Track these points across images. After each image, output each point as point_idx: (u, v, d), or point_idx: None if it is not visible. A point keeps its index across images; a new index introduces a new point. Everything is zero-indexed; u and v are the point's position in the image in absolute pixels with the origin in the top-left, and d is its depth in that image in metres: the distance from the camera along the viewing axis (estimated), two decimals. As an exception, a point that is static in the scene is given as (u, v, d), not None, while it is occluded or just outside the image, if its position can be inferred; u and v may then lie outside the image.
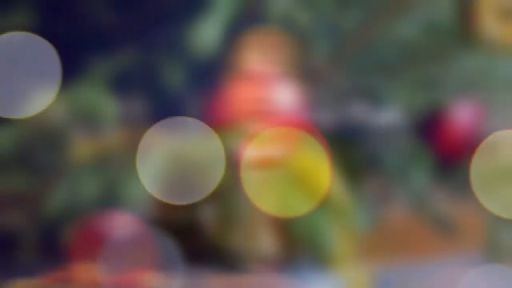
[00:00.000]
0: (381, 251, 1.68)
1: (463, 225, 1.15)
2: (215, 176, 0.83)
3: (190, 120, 0.95)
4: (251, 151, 0.86)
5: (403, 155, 1.07)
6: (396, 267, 1.35)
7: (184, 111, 1.25)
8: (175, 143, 0.83)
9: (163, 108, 1.10)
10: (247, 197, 0.91)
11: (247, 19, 0.92)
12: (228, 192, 0.94)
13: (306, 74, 1.07)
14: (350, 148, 1.12)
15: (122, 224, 1.08)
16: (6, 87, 0.97)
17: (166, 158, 0.81)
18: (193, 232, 1.12)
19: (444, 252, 1.42)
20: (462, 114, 1.13)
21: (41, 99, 0.79)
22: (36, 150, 0.90)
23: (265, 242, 0.90)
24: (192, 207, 0.99)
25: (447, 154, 1.12)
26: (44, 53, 0.93)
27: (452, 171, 1.14)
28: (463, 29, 0.91)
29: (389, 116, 1.09)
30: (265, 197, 0.91)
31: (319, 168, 1.00)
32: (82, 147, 1.00)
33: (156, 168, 0.81)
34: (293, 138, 0.92)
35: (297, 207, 0.92)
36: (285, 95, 0.89)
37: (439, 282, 1.22)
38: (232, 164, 0.83)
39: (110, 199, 0.90)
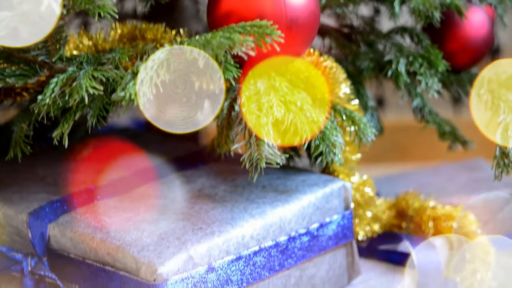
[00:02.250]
0: (385, 156, 1.67)
1: (467, 133, 1.13)
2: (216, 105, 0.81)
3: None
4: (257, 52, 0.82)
5: (412, 59, 1.03)
6: (399, 172, 1.33)
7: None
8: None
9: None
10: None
11: None
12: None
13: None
14: (357, 52, 1.08)
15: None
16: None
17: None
18: (191, 138, 1.09)
19: (446, 159, 1.41)
20: (474, 18, 1.09)
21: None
22: (32, 44, 0.87)
23: (268, 146, 0.87)
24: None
25: (457, 58, 1.09)
26: None
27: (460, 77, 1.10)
28: None
29: (399, 19, 1.05)
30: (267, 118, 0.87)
31: (325, 73, 0.97)
32: (78, 42, 0.96)
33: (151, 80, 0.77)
34: (300, 42, 0.88)
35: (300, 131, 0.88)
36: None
37: (439, 187, 1.21)
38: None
39: (106, 97, 0.86)
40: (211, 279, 0.84)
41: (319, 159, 0.92)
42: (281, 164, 0.87)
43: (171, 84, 0.84)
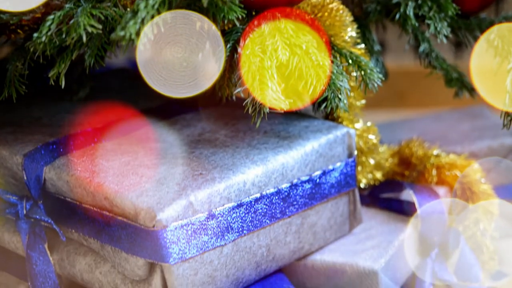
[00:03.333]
0: (383, 102, 1.64)
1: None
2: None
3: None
4: None
5: (421, 2, 1.00)
6: (399, 119, 1.31)
7: None
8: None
9: None
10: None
11: None
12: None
13: None
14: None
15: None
16: None
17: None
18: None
19: (446, 106, 1.39)
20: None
21: None
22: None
23: (272, 91, 0.84)
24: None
25: (466, 2, 1.06)
26: None
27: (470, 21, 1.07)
28: None
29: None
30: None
31: (331, 15, 0.94)
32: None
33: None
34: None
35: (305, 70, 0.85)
36: None
37: (442, 135, 1.18)
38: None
39: (104, 36, 0.83)
40: (212, 226, 0.82)
41: (324, 105, 0.89)
42: (285, 109, 0.85)
43: (171, 25, 0.81)
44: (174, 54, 0.83)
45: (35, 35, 0.81)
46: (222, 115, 0.96)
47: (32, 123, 0.95)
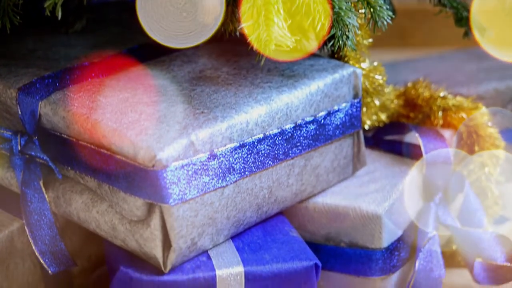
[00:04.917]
0: (384, 42, 1.61)
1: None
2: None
3: None
4: None
5: None
6: (402, 59, 1.28)
7: None
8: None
9: None
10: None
11: None
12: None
13: None
14: None
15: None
16: None
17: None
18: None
19: (448, 46, 1.36)
20: None
21: None
22: None
23: (278, 27, 0.81)
24: None
25: None
26: None
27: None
28: None
29: None
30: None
31: None
32: None
33: None
34: None
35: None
36: None
37: (447, 76, 1.16)
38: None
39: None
40: (213, 166, 0.79)
41: (330, 43, 0.86)
42: (291, 47, 0.81)
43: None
44: (174, 4, 0.80)
45: (31, -37, 0.77)
46: (224, 52, 0.92)
47: (27, 55, 0.92)
